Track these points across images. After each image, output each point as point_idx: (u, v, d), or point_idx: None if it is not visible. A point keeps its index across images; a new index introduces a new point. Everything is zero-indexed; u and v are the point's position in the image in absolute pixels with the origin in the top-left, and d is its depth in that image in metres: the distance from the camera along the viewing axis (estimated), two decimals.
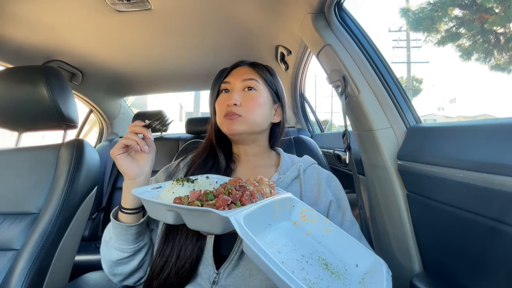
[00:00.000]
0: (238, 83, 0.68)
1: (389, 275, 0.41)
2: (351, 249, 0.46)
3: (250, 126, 0.66)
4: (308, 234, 0.49)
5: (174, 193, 0.47)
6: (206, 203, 0.43)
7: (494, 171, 0.48)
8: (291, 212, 0.51)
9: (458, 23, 7.14)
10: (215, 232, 0.42)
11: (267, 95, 0.70)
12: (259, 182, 0.52)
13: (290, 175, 0.66)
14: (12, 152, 0.94)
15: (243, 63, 0.74)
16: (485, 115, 18.66)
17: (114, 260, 0.57)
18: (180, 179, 0.50)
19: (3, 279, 0.75)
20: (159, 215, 0.47)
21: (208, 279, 0.55)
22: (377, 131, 0.77)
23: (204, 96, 9.21)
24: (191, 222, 0.43)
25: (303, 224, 0.50)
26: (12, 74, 0.91)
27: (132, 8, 0.97)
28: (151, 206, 0.46)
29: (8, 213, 0.85)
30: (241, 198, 0.44)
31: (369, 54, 0.81)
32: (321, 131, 2.04)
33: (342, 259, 0.45)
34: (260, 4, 0.99)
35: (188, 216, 0.42)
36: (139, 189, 0.48)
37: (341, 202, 0.66)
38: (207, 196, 0.44)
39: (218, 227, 0.40)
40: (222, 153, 0.70)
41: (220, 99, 0.69)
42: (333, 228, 0.49)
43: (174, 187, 0.48)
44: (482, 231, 0.53)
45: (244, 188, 0.47)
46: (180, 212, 0.42)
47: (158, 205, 0.44)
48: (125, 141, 0.55)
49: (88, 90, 1.78)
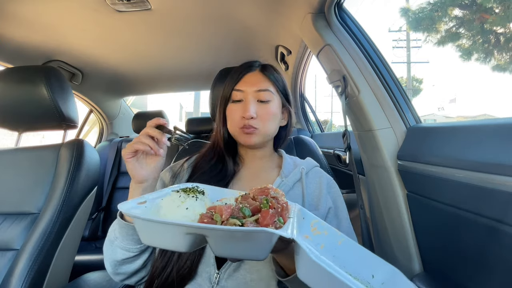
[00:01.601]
0: (252, 93, 0.66)
1: (412, 283, 0.40)
2: (365, 260, 0.44)
3: (265, 137, 0.68)
4: (322, 248, 0.45)
5: (188, 209, 0.37)
6: (246, 220, 0.34)
7: (494, 171, 0.48)
8: (302, 225, 0.47)
9: (458, 23, 7.14)
10: (260, 257, 0.33)
11: (278, 102, 0.70)
12: (275, 192, 0.45)
13: (292, 178, 0.66)
14: (12, 152, 0.94)
15: (254, 68, 0.70)
16: (485, 115, 18.66)
17: (119, 260, 0.57)
18: (189, 190, 0.41)
19: (3, 279, 0.75)
20: (166, 240, 0.34)
21: (209, 278, 0.55)
22: (377, 131, 0.77)
23: (204, 96, 9.20)
24: (224, 247, 0.33)
25: (315, 237, 0.46)
26: (12, 74, 0.91)
27: (132, 8, 0.97)
28: (154, 229, 0.34)
29: (8, 213, 0.85)
30: (282, 212, 0.38)
31: (369, 54, 0.80)
32: (321, 131, 2.04)
33: (359, 271, 0.43)
34: (260, 4, 0.99)
35: (221, 240, 0.32)
36: (125, 204, 0.37)
37: (338, 211, 0.66)
38: (243, 212, 0.36)
39: (264, 251, 0.32)
40: (231, 159, 0.70)
41: (233, 108, 0.67)
42: (344, 240, 0.46)
43: (186, 200, 0.38)
44: (482, 231, 0.53)
45: (277, 200, 0.40)
46: (210, 235, 0.32)
47: (173, 228, 0.32)
48: (138, 146, 0.52)
49: (88, 90, 1.78)
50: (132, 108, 2.44)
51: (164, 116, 2.00)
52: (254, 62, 0.72)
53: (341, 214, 0.66)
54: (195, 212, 0.37)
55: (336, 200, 0.67)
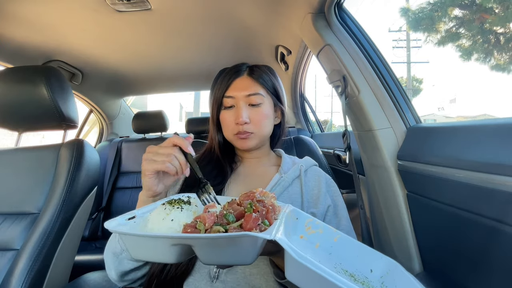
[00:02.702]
0: (243, 98, 0.66)
1: (411, 275, 0.39)
2: (362, 255, 0.44)
3: (261, 139, 0.69)
4: (317, 247, 0.45)
5: (173, 220, 0.37)
6: (230, 226, 0.35)
7: (494, 171, 0.48)
8: (296, 225, 0.47)
9: (458, 23, 7.14)
10: (247, 261, 0.34)
11: (269, 103, 0.70)
12: (263, 195, 0.45)
13: (291, 175, 0.67)
14: (12, 152, 0.94)
15: (242, 72, 0.70)
16: (485, 115, 18.66)
17: (127, 270, 0.56)
18: (175, 201, 0.41)
19: (3, 279, 0.75)
20: (154, 253, 0.34)
21: (208, 273, 0.55)
22: (377, 131, 0.77)
23: (204, 96, 9.20)
24: (210, 255, 0.33)
25: (310, 236, 0.46)
26: (12, 74, 0.91)
27: (132, 8, 0.97)
28: (141, 243, 0.34)
29: (8, 213, 0.85)
30: (267, 215, 0.38)
31: (369, 54, 0.80)
32: (321, 131, 2.04)
33: (356, 267, 0.43)
34: (260, 4, 0.99)
35: (207, 248, 0.33)
36: (111, 221, 0.36)
37: (337, 209, 0.66)
38: (227, 218, 0.36)
39: (251, 255, 0.33)
40: (227, 163, 0.70)
41: (226, 115, 0.68)
42: (340, 236, 0.46)
43: (171, 212, 0.38)
44: (482, 231, 0.53)
45: (263, 203, 0.40)
46: (194, 244, 0.33)
47: (157, 240, 0.33)
48: (164, 167, 0.49)
49: (88, 90, 1.78)
50: (132, 108, 2.44)
51: (164, 116, 2.00)
52: (242, 65, 0.71)
53: (341, 213, 0.66)
54: (180, 223, 0.37)
55: (335, 198, 0.68)
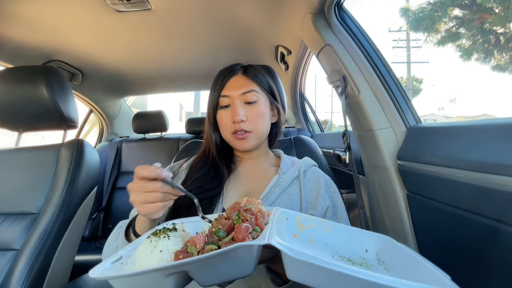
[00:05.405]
0: (238, 96, 0.66)
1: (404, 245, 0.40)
2: (355, 238, 0.45)
3: (259, 138, 0.69)
4: (312, 241, 0.46)
5: (162, 251, 0.36)
6: (222, 242, 0.35)
7: (494, 171, 0.48)
8: (288, 226, 0.47)
9: (458, 23, 7.14)
10: (247, 273, 0.33)
11: (265, 101, 0.70)
12: (249, 203, 0.45)
13: (290, 176, 0.66)
14: (12, 152, 0.94)
15: (236, 71, 0.70)
16: (485, 115, 18.66)
17: None
18: (160, 231, 0.39)
19: (3, 279, 0.75)
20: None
21: None
22: (377, 131, 0.77)
23: (204, 96, 9.20)
24: (208, 276, 0.33)
25: (303, 233, 0.47)
26: (12, 74, 0.91)
27: (132, 8, 0.98)
28: (134, 283, 0.32)
29: (8, 213, 0.85)
30: (256, 222, 0.38)
31: (369, 54, 0.80)
32: (321, 131, 2.04)
33: (352, 251, 0.44)
34: (260, 4, 0.99)
35: (203, 269, 0.32)
36: (96, 269, 0.33)
37: (337, 210, 0.66)
38: (217, 234, 0.36)
39: (249, 265, 0.33)
40: (224, 165, 0.69)
41: (222, 115, 0.68)
42: (331, 225, 0.47)
43: (158, 243, 0.36)
44: (482, 231, 0.53)
45: (250, 211, 0.40)
46: (189, 269, 0.32)
47: (150, 275, 0.31)
48: (161, 207, 0.46)
49: (88, 90, 1.78)
50: (132, 108, 2.44)
51: (164, 116, 2.00)
52: (236, 65, 0.72)
53: (340, 213, 0.66)
54: (170, 252, 0.36)
55: (334, 199, 0.67)
